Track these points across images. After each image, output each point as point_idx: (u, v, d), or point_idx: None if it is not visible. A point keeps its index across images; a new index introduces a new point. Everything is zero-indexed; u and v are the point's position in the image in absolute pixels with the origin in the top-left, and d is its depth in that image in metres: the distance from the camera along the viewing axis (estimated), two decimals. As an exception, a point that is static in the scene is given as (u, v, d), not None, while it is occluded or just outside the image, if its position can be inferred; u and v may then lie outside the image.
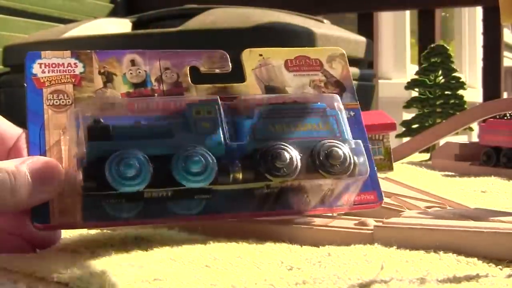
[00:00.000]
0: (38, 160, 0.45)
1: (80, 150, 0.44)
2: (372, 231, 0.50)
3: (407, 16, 3.74)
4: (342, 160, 0.48)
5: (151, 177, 0.44)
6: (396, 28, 3.71)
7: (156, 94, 0.50)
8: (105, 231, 0.58)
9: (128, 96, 0.50)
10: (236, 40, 1.52)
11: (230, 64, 0.54)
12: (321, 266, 0.44)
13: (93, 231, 0.58)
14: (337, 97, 0.51)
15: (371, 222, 0.51)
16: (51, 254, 0.48)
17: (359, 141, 0.50)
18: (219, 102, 0.47)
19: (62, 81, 0.49)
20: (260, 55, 0.53)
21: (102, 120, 0.45)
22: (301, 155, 0.47)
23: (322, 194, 0.50)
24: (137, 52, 0.51)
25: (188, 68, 0.52)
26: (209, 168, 0.44)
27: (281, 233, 0.52)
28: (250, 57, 0.54)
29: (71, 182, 0.45)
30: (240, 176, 0.46)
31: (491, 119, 1.08)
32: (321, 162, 0.47)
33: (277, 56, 0.53)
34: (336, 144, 0.48)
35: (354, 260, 0.44)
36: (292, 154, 0.47)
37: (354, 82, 0.58)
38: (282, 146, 0.46)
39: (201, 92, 0.51)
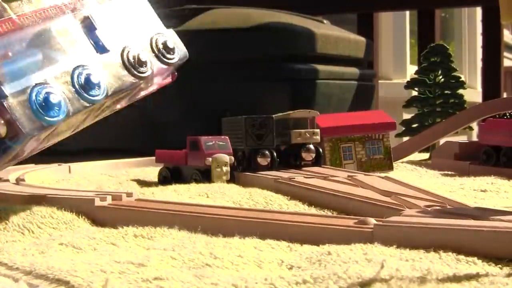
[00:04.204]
0: None
1: None
2: (372, 230, 0.50)
3: (407, 17, 3.74)
4: None
5: None
6: (396, 28, 3.71)
7: None
8: (105, 228, 0.58)
9: None
10: (236, 40, 1.52)
11: None
12: (321, 265, 0.44)
13: (94, 228, 0.58)
14: None
15: (371, 220, 0.51)
16: (52, 251, 0.48)
17: None
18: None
19: None
20: None
21: None
22: None
23: None
24: None
25: None
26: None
27: (281, 231, 0.52)
28: None
29: None
30: None
31: (491, 119, 1.08)
32: None
33: None
34: None
35: (354, 259, 0.44)
36: None
37: (354, 82, 0.59)
38: None
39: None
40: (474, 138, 1.81)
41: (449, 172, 1.07)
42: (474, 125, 1.32)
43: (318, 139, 0.92)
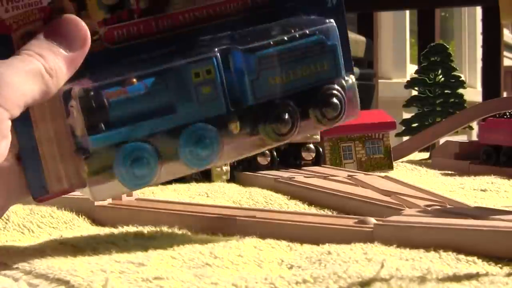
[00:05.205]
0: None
1: (78, 131, 0.41)
2: (372, 229, 0.50)
3: (407, 16, 3.74)
4: (339, 110, 0.47)
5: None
6: (396, 28, 3.71)
7: (135, 15, 0.43)
8: (105, 228, 0.58)
9: (105, 24, 0.42)
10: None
11: None
12: (321, 264, 0.44)
13: (94, 228, 0.58)
14: (333, 25, 0.47)
15: (371, 220, 0.51)
16: (52, 251, 0.48)
17: (352, 77, 0.49)
18: (217, 56, 0.43)
19: (31, 19, 0.40)
20: None
21: (91, 89, 0.40)
22: (300, 108, 0.46)
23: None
24: None
25: None
26: (215, 150, 0.43)
27: (281, 231, 0.52)
28: None
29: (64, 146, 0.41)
30: (237, 129, 0.45)
31: (491, 118, 1.08)
32: (317, 112, 0.47)
33: None
34: (335, 93, 0.47)
35: (354, 259, 0.44)
36: (293, 116, 0.46)
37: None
38: (285, 107, 0.45)
39: (180, 4, 0.44)
40: (474, 137, 1.81)
41: (449, 172, 1.07)
42: (474, 125, 1.32)
43: (318, 139, 0.92)
